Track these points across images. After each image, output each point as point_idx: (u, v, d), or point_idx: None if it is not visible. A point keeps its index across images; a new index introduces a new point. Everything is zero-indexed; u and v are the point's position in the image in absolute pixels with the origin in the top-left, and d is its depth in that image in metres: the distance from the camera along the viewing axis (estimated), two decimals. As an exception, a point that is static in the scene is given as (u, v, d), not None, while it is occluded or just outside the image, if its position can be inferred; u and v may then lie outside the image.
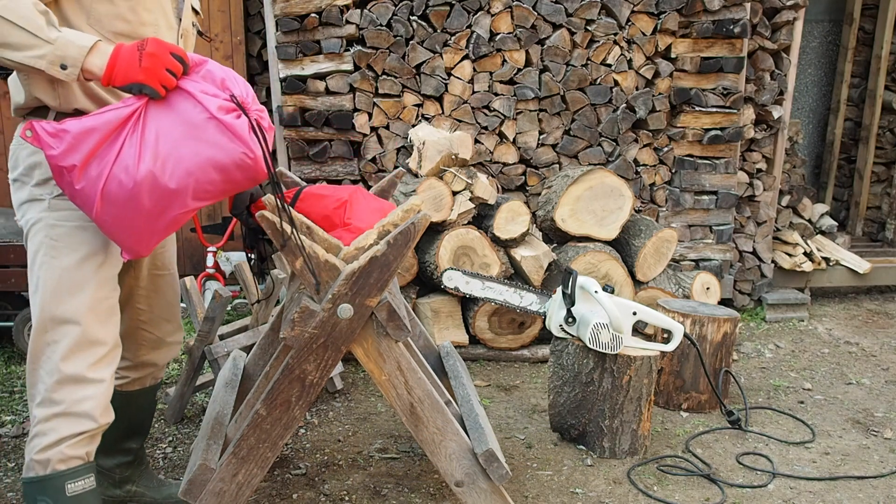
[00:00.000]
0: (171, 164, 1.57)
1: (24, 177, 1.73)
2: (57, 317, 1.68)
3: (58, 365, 1.68)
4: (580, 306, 2.64)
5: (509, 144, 4.13)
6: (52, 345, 1.68)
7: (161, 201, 1.59)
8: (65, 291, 1.69)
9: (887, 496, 2.45)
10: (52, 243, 1.70)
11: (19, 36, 1.50)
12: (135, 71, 1.57)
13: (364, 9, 3.98)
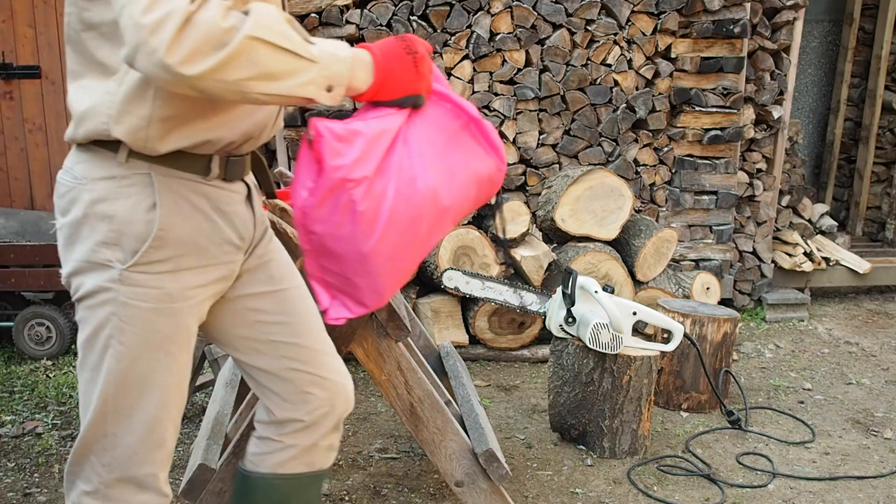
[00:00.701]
0: (446, 178, 1.31)
1: (83, 227, 1.24)
2: (122, 410, 1.31)
3: (120, 460, 1.33)
4: (580, 306, 2.64)
5: (509, 144, 4.13)
6: (112, 437, 1.32)
7: (435, 224, 1.31)
8: (134, 384, 1.30)
9: (887, 496, 2.45)
10: (122, 325, 1.27)
11: (282, 61, 1.11)
12: (413, 81, 1.27)
13: (364, 9, 3.97)
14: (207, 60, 1.04)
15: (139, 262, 1.23)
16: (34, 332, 3.55)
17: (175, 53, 1.02)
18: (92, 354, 1.29)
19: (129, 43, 1.04)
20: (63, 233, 1.27)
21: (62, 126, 4.31)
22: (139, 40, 1.03)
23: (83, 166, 1.24)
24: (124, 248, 1.23)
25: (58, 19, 4.21)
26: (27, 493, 2.40)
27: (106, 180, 1.22)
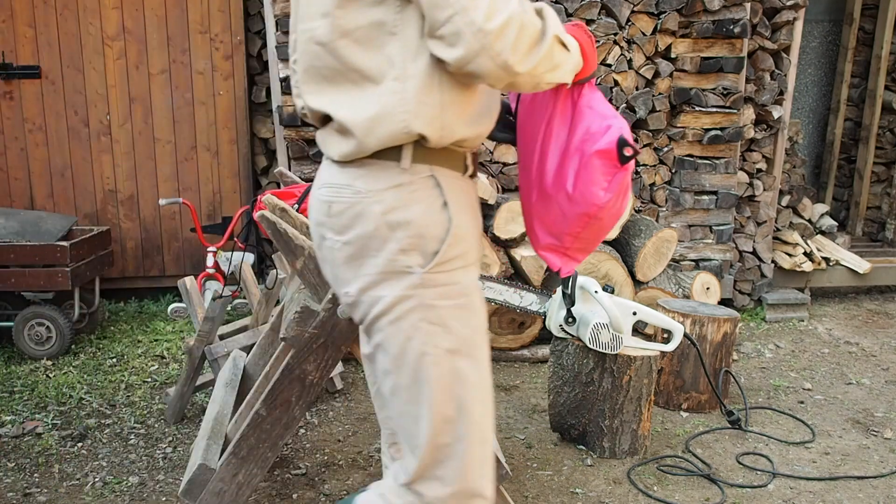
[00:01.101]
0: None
1: (374, 239, 1.25)
2: (452, 418, 1.29)
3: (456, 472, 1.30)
4: (580, 306, 2.64)
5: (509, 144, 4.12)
6: (447, 448, 1.30)
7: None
8: (458, 387, 1.30)
9: (887, 496, 2.45)
10: (431, 329, 1.26)
11: (563, 54, 1.24)
12: (596, 59, 1.35)
13: (364, 9, 3.97)
14: (533, 58, 1.18)
15: (439, 262, 1.25)
16: (34, 332, 3.55)
17: (516, 54, 1.15)
18: (405, 370, 1.28)
19: (468, 47, 1.12)
20: (347, 249, 1.27)
21: (62, 126, 4.31)
22: (484, 44, 1.12)
23: (365, 180, 1.25)
24: (424, 252, 1.25)
25: (58, 19, 4.21)
26: (27, 493, 2.40)
27: (393, 189, 1.24)
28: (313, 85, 1.28)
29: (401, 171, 1.25)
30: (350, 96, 1.24)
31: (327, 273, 1.37)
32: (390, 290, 1.25)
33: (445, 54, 1.15)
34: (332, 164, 1.31)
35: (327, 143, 1.31)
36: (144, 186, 4.42)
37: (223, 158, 4.45)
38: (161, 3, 4.26)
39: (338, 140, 1.27)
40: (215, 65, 4.34)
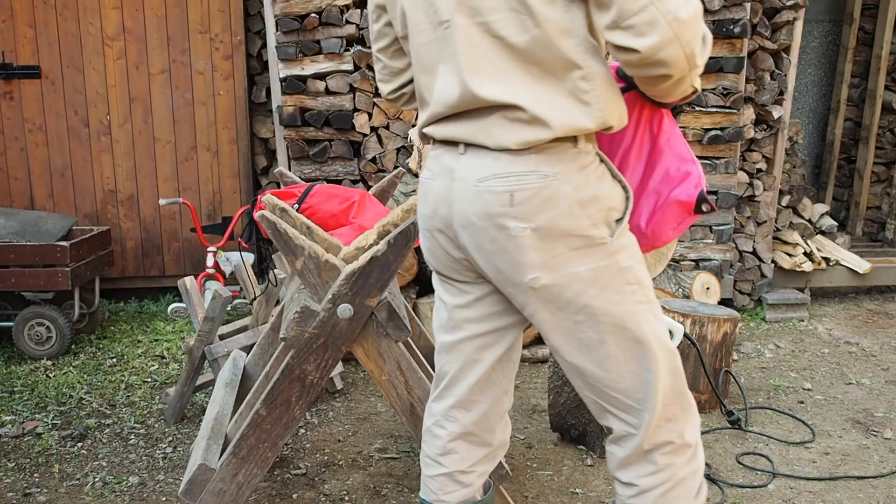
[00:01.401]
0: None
1: (566, 219, 1.30)
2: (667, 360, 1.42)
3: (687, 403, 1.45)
4: (580, 306, 2.64)
5: (509, 144, 4.13)
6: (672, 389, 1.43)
7: None
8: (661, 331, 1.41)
9: (887, 496, 2.45)
10: (632, 288, 1.37)
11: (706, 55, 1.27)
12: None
13: (364, 9, 3.97)
14: (706, 53, 1.25)
15: (622, 227, 1.36)
16: (34, 332, 3.55)
17: (700, 45, 1.21)
18: (621, 332, 1.37)
19: (663, 35, 1.17)
20: (536, 234, 1.31)
21: (62, 126, 4.31)
22: (678, 33, 1.17)
23: (550, 164, 1.30)
24: (609, 222, 1.34)
25: (58, 19, 4.22)
26: (27, 493, 2.40)
27: (578, 169, 1.31)
28: (484, 75, 1.30)
29: (577, 152, 1.31)
30: (533, 88, 1.28)
31: (502, 263, 1.36)
32: (587, 263, 1.33)
33: (635, 43, 1.18)
34: (500, 154, 1.32)
35: (494, 132, 1.32)
36: (144, 186, 4.42)
37: (223, 158, 4.45)
38: (161, 3, 4.26)
39: (519, 128, 1.29)
40: (215, 65, 4.34)
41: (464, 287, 1.51)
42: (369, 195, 2.39)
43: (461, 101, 1.34)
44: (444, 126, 1.40)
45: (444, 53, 1.35)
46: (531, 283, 1.35)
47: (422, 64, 1.42)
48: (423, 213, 1.49)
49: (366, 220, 2.24)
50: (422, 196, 1.49)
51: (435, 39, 1.37)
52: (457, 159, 1.38)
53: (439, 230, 1.45)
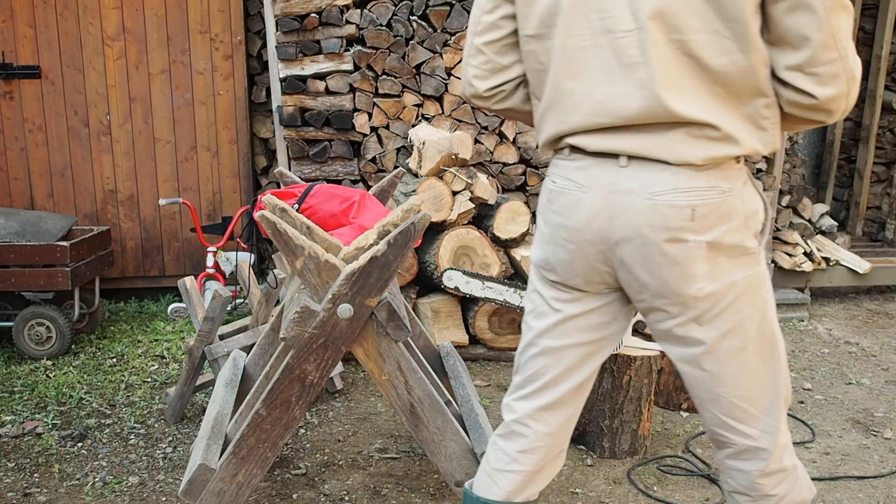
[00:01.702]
0: None
1: (735, 232, 1.37)
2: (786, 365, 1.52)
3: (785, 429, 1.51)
4: (580, 306, 2.64)
5: (509, 144, 4.13)
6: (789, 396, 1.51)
7: None
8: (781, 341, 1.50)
9: (887, 496, 2.45)
10: (769, 295, 1.45)
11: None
12: None
13: (364, 9, 3.98)
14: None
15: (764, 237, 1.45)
16: (34, 332, 3.55)
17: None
18: (762, 339, 1.43)
19: (840, 89, 1.27)
20: (707, 247, 1.36)
21: (62, 126, 4.31)
22: (850, 90, 1.28)
23: (725, 180, 1.35)
24: (756, 232, 1.42)
25: (58, 19, 4.22)
26: (27, 493, 2.40)
27: (743, 184, 1.39)
28: (678, 91, 1.31)
29: (740, 169, 1.38)
30: (719, 108, 1.32)
31: (670, 275, 1.38)
32: (742, 271, 1.39)
33: (815, 90, 1.27)
34: (679, 169, 1.34)
35: (675, 147, 1.34)
36: (144, 186, 4.42)
37: (223, 158, 4.45)
38: (161, 3, 4.26)
39: (705, 145, 1.33)
40: (215, 65, 4.34)
41: (584, 298, 1.52)
42: (369, 195, 2.39)
43: (646, 113, 1.33)
44: (602, 137, 1.38)
45: (611, 62, 1.34)
46: (696, 293, 1.38)
47: (570, 69, 1.39)
48: (569, 225, 1.44)
49: (366, 220, 2.24)
50: (565, 208, 1.44)
51: (594, 46, 1.35)
52: (617, 172, 1.38)
53: (590, 242, 1.42)
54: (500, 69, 1.52)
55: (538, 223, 1.55)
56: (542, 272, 1.55)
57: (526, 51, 1.48)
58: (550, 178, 1.49)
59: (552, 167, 1.50)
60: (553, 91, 1.43)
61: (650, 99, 1.31)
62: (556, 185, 1.47)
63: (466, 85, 1.55)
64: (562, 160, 1.47)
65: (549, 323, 1.55)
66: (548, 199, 1.49)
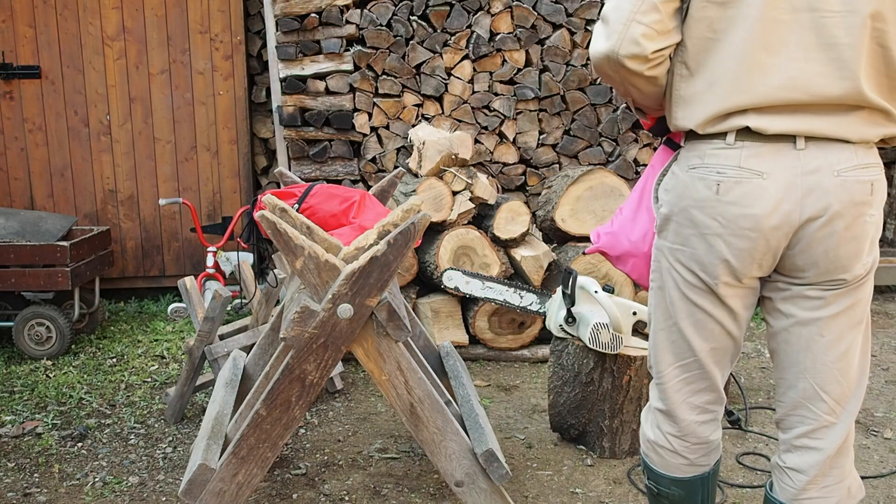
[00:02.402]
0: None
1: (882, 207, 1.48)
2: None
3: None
4: (580, 306, 2.64)
5: (509, 144, 4.13)
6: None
7: None
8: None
9: (887, 496, 2.45)
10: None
11: None
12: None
13: (364, 9, 3.98)
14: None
15: None
16: (34, 332, 3.55)
17: None
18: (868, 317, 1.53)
19: None
20: (877, 221, 1.46)
21: (62, 126, 4.31)
22: None
23: (878, 158, 1.45)
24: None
25: (58, 19, 4.22)
26: (27, 493, 2.40)
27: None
28: (871, 78, 1.38)
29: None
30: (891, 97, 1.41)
31: (845, 251, 1.43)
32: (875, 248, 1.50)
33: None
34: (857, 147, 1.41)
35: (856, 127, 1.40)
36: (144, 186, 4.42)
37: (223, 158, 4.45)
38: (161, 3, 4.26)
39: (883, 125, 1.42)
40: (215, 65, 4.35)
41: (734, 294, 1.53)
42: (369, 195, 2.39)
43: (844, 95, 1.37)
44: (783, 118, 1.39)
45: (809, 40, 1.36)
46: (862, 269, 1.46)
47: (764, 40, 1.37)
48: (752, 213, 1.42)
49: (366, 220, 2.24)
50: (746, 196, 1.42)
51: (794, 21, 1.35)
52: (797, 155, 1.39)
53: (775, 227, 1.42)
54: (668, 31, 1.43)
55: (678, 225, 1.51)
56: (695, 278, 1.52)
57: (699, 17, 1.41)
58: (710, 169, 1.44)
59: (704, 158, 1.45)
60: (732, 62, 1.39)
61: (850, 80, 1.36)
62: (727, 176, 1.42)
63: (630, 43, 1.41)
64: (722, 150, 1.43)
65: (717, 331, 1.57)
66: (717, 192, 1.43)
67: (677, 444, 1.66)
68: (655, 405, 1.69)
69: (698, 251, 1.48)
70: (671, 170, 1.55)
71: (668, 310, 1.58)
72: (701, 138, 1.46)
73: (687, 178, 1.48)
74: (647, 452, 1.72)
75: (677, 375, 1.62)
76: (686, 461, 1.67)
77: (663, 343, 1.62)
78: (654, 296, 1.63)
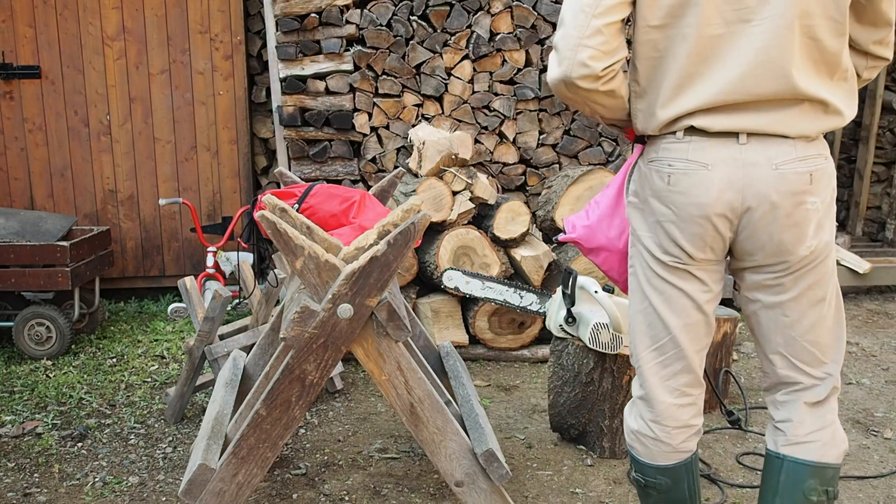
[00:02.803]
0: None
1: (832, 192, 1.63)
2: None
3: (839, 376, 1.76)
4: (580, 306, 2.64)
5: (509, 144, 4.13)
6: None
7: None
8: None
9: (887, 496, 2.45)
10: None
11: None
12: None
13: (364, 9, 3.98)
14: None
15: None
16: (34, 332, 3.55)
17: None
18: (833, 291, 1.66)
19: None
20: (820, 207, 1.56)
21: (62, 126, 4.31)
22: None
23: (825, 148, 1.57)
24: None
25: (58, 19, 4.22)
26: (27, 493, 2.40)
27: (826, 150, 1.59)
28: (803, 72, 1.50)
29: (822, 138, 1.59)
30: (830, 87, 1.53)
31: (789, 236, 1.56)
32: (830, 228, 1.60)
33: (888, 54, 1.60)
34: (797, 141, 1.53)
35: (793, 122, 1.52)
36: (144, 186, 4.42)
37: (223, 158, 4.45)
38: (161, 3, 4.26)
39: (818, 119, 1.53)
40: (215, 65, 4.34)
41: (703, 269, 1.65)
42: (369, 195, 2.39)
43: (780, 91, 1.49)
44: (724, 117, 1.52)
45: (743, 47, 1.49)
46: (804, 251, 1.57)
47: (701, 54, 1.51)
48: (700, 201, 1.56)
49: (366, 220, 2.24)
50: (693, 186, 1.56)
51: (728, 34, 1.50)
52: (738, 149, 1.53)
53: (719, 214, 1.56)
54: (613, 50, 1.56)
55: (642, 213, 1.66)
56: (666, 257, 1.64)
57: (644, 40, 1.57)
58: (663, 162, 1.59)
59: (659, 152, 1.60)
60: (677, 76, 1.54)
61: (783, 78, 1.48)
62: (676, 168, 1.57)
63: (578, 66, 1.54)
64: (673, 144, 1.58)
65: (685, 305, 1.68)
66: (668, 182, 1.59)
67: (658, 430, 1.74)
68: (636, 394, 1.78)
69: (659, 235, 1.63)
70: (637, 164, 1.70)
71: (642, 291, 1.70)
72: (659, 136, 1.62)
73: (646, 170, 1.63)
74: (632, 444, 1.79)
75: (654, 358, 1.72)
76: (669, 447, 1.75)
77: (640, 325, 1.72)
78: (631, 281, 1.75)
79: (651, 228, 1.65)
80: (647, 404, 1.76)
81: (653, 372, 1.74)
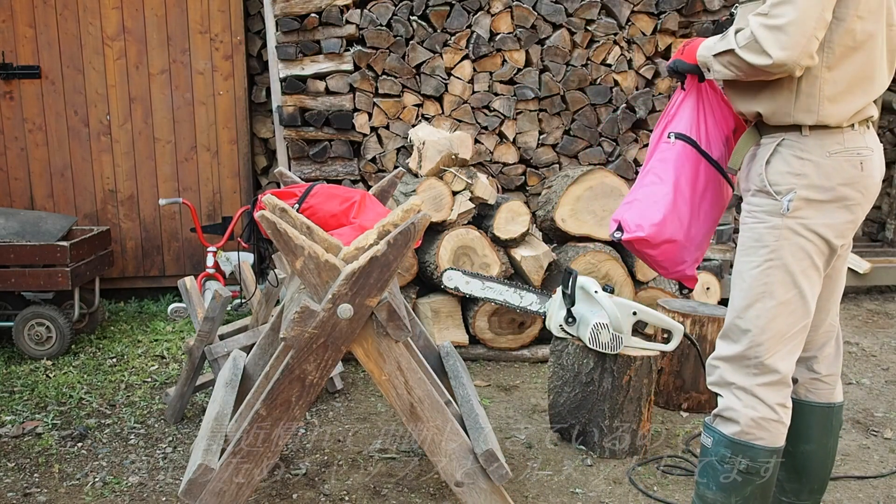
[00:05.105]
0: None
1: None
2: None
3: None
4: (580, 306, 2.64)
5: (509, 144, 4.13)
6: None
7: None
8: None
9: (887, 496, 2.45)
10: None
11: None
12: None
13: (364, 9, 3.98)
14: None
15: None
16: (34, 332, 3.55)
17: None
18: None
19: None
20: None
21: (62, 126, 4.31)
22: None
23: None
24: None
25: (58, 19, 4.22)
26: (27, 493, 2.40)
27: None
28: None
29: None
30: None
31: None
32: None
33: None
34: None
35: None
36: (144, 186, 4.42)
37: (223, 158, 4.45)
38: (161, 3, 4.26)
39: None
40: (215, 65, 4.35)
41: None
42: (369, 195, 2.39)
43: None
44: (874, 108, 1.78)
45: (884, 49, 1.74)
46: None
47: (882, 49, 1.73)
48: (876, 181, 1.77)
49: (366, 220, 2.24)
50: (872, 168, 1.76)
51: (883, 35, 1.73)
52: (873, 135, 1.79)
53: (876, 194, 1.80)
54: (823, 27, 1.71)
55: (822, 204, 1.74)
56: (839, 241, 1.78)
57: (849, 28, 1.68)
58: (852, 152, 1.73)
59: (845, 143, 1.73)
60: (866, 68, 1.71)
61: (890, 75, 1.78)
62: (864, 155, 1.74)
63: (807, 56, 1.63)
64: (857, 135, 1.75)
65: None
66: (861, 169, 1.74)
67: (783, 413, 1.80)
68: (757, 382, 1.78)
69: (837, 221, 1.74)
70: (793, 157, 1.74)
71: (792, 281, 1.76)
72: (833, 128, 1.72)
73: (831, 161, 1.72)
74: (752, 431, 1.79)
75: (796, 342, 1.80)
76: (785, 427, 1.82)
77: (781, 316, 1.76)
78: (766, 275, 1.77)
79: (829, 214, 1.74)
80: (777, 388, 1.79)
81: (793, 354, 1.81)
